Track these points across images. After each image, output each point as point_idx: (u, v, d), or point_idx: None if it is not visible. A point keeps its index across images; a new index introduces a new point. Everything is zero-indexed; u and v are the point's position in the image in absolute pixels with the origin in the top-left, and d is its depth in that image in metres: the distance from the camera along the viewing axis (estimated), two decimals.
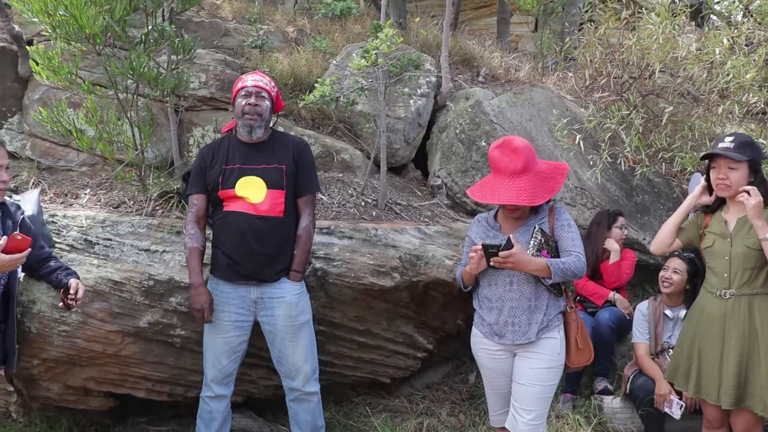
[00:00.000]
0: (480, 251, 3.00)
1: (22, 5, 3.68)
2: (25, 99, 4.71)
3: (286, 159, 3.40)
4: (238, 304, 3.38)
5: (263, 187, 3.35)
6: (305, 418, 3.54)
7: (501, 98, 5.08)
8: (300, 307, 3.42)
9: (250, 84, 3.40)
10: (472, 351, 3.34)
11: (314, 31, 5.47)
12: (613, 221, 4.55)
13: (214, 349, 3.42)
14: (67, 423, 4.22)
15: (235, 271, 3.34)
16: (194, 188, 3.47)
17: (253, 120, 3.36)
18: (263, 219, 3.32)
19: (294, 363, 3.44)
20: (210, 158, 3.44)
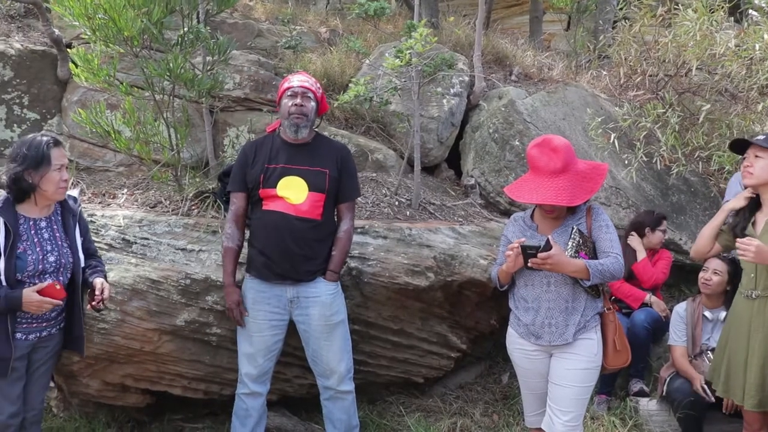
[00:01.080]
0: (516, 249, 2.98)
1: (63, 9, 3.76)
2: (63, 101, 4.80)
3: (330, 164, 3.42)
4: (273, 303, 3.40)
5: (305, 188, 3.36)
6: (340, 417, 3.55)
7: (534, 97, 5.05)
8: (335, 307, 3.43)
9: (296, 84, 3.42)
10: (508, 351, 3.32)
11: (346, 31, 5.49)
12: (658, 224, 4.49)
13: (249, 347, 3.44)
14: (105, 419, 4.28)
15: (271, 270, 3.36)
16: (234, 186, 3.50)
17: (299, 120, 3.38)
18: (302, 220, 3.34)
19: (328, 362, 3.46)
20: (253, 156, 3.47)
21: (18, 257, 2.96)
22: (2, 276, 2.94)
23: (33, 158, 2.97)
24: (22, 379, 3.13)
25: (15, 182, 2.98)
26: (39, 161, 2.97)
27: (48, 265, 3.04)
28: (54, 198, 3.09)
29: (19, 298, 2.90)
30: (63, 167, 3.06)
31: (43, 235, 3.07)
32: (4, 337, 2.98)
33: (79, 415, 4.31)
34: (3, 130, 4.67)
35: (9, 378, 3.06)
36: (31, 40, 4.93)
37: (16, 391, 3.12)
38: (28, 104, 4.72)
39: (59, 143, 3.10)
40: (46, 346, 3.18)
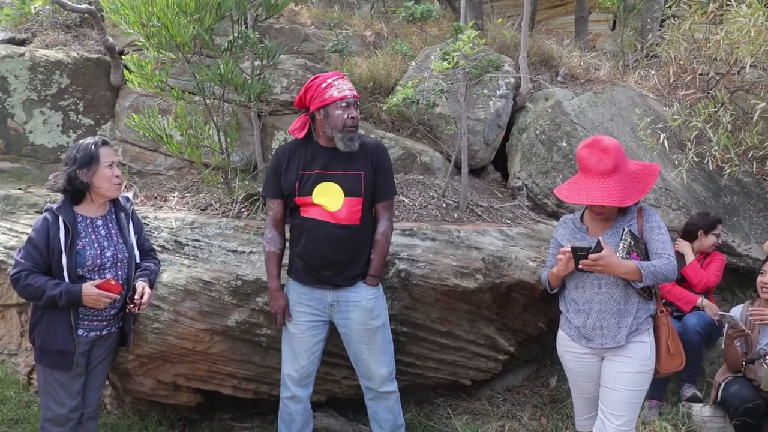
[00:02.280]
0: (568, 253, 2.96)
1: (118, 18, 3.86)
2: (116, 106, 4.93)
3: (365, 164, 3.34)
4: (314, 305, 3.39)
5: (341, 194, 3.29)
6: (385, 416, 3.54)
7: (581, 98, 5.00)
8: (375, 312, 3.41)
9: (349, 95, 3.28)
10: (558, 354, 3.30)
11: (391, 34, 5.51)
12: (712, 228, 4.41)
13: (291, 350, 3.45)
14: (157, 417, 4.37)
15: (312, 276, 3.35)
16: (269, 192, 3.46)
17: (354, 133, 3.30)
18: (340, 227, 3.29)
19: (369, 366, 3.44)
20: (285, 162, 3.39)
21: (77, 253, 3.12)
22: (65, 272, 3.06)
23: (83, 158, 3.14)
24: (82, 376, 3.26)
25: (70, 183, 3.15)
26: (89, 160, 3.13)
27: (105, 259, 3.18)
28: (109, 194, 3.22)
29: (78, 292, 3.04)
30: (113, 164, 3.20)
31: (100, 232, 3.21)
32: (68, 332, 3.12)
33: (132, 412, 4.41)
34: (59, 135, 4.82)
35: (72, 372, 3.18)
36: (86, 48, 5.08)
37: (78, 387, 3.25)
38: (83, 110, 4.87)
39: (107, 143, 3.24)
40: (104, 344, 3.30)
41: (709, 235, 4.42)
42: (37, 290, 3.06)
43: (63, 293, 3.03)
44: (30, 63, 4.77)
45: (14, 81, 4.73)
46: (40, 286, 3.05)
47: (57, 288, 3.04)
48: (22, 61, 4.76)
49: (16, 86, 4.74)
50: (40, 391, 3.34)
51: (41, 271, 3.11)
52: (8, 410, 4.60)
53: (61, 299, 3.04)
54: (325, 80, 3.33)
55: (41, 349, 3.19)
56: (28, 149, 4.76)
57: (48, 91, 4.80)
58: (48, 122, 4.80)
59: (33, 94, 4.76)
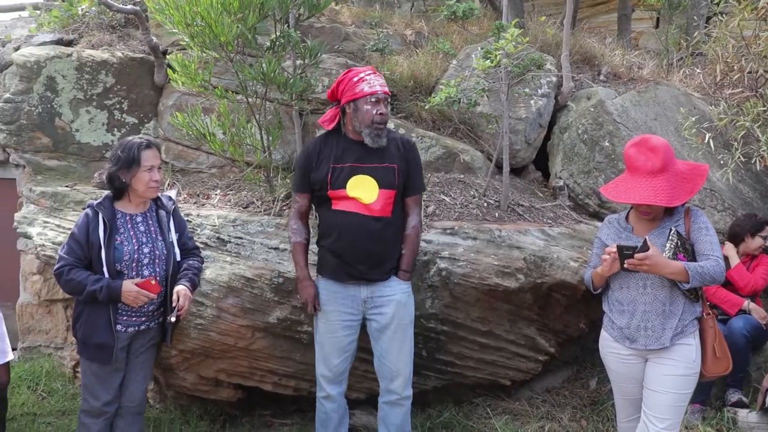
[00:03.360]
0: (613, 253, 2.92)
1: (163, 17, 3.92)
2: (160, 105, 4.99)
3: (397, 158, 3.34)
4: (347, 303, 3.37)
5: (375, 186, 3.29)
6: (395, 422, 3.49)
7: (624, 97, 4.92)
8: (408, 308, 3.41)
9: (380, 90, 3.27)
10: (601, 354, 3.26)
11: (432, 33, 5.50)
12: (759, 229, 4.31)
13: (324, 349, 3.43)
14: (198, 411, 4.43)
15: (346, 272, 3.33)
16: (298, 187, 3.45)
17: (382, 130, 3.30)
18: (376, 220, 3.28)
19: (397, 363, 3.41)
20: (316, 156, 3.38)
21: (115, 248, 3.20)
22: (105, 266, 3.14)
23: (125, 159, 3.21)
24: (121, 371, 3.31)
25: (110, 181, 3.26)
26: (130, 162, 3.21)
27: (143, 255, 3.24)
28: (145, 196, 3.30)
29: (119, 288, 3.11)
30: (153, 168, 3.25)
31: (139, 228, 3.28)
32: (107, 327, 3.19)
33: (174, 407, 4.48)
34: (104, 134, 4.90)
35: (110, 367, 3.25)
36: (130, 48, 5.16)
37: (114, 381, 3.31)
38: (127, 109, 4.95)
39: (151, 146, 3.28)
40: (143, 339, 3.35)
41: (756, 237, 4.32)
42: (79, 285, 3.13)
43: (103, 288, 3.11)
44: (77, 63, 4.86)
45: (62, 81, 4.83)
46: (82, 281, 3.13)
47: (98, 283, 3.12)
48: (69, 61, 4.86)
49: (63, 86, 4.83)
50: (81, 383, 3.42)
51: (83, 265, 3.19)
52: (55, 402, 4.71)
53: (101, 294, 3.11)
54: (358, 74, 3.33)
55: (82, 342, 3.27)
56: (74, 147, 4.86)
57: (94, 91, 4.88)
58: (93, 121, 4.89)
59: (79, 94, 4.86)
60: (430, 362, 4.08)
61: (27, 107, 4.78)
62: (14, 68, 4.95)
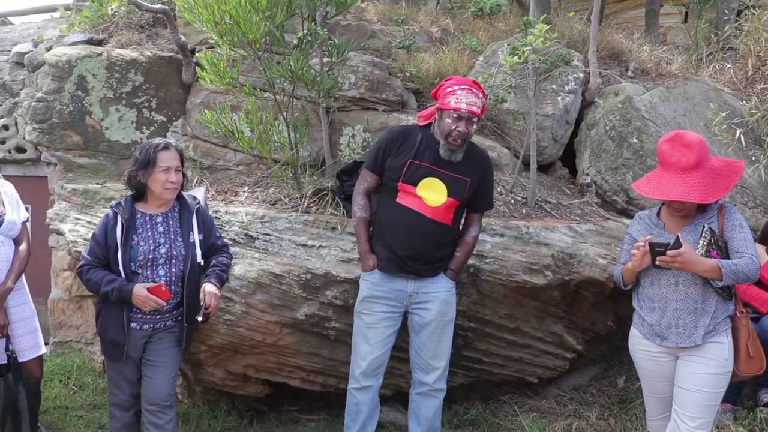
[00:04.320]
0: (644, 247, 2.90)
1: (192, 16, 3.96)
2: (188, 103, 5.04)
3: (473, 172, 3.37)
4: (391, 297, 3.41)
5: (444, 193, 3.33)
6: (426, 415, 3.54)
7: (653, 93, 4.87)
8: (450, 306, 3.45)
9: (464, 108, 3.23)
10: (630, 352, 3.23)
11: (457, 30, 5.49)
12: None
13: (364, 342, 3.47)
14: (226, 407, 4.48)
15: (397, 265, 3.37)
16: (370, 165, 3.47)
17: (458, 145, 3.31)
18: (435, 223, 3.34)
19: (434, 357, 3.46)
20: (398, 145, 3.40)
21: (131, 247, 3.25)
22: (120, 266, 3.19)
23: (142, 160, 3.28)
24: (137, 366, 3.37)
25: (129, 181, 3.33)
26: (146, 163, 3.27)
27: (158, 255, 3.28)
28: (162, 197, 3.34)
29: (129, 291, 3.17)
30: (170, 169, 3.30)
31: (158, 228, 3.33)
32: (120, 325, 3.26)
33: (202, 402, 4.53)
34: (134, 131, 4.96)
35: (125, 363, 3.32)
36: (159, 47, 5.22)
37: (134, 376, 3.38)
38: (156, 107, 5.00)
39: (170, 147, 3.34)
40: (165, 336, 3.38)
41: None
42: (95, 285, 3.23)
43: (114, 290, 3.17)
44: (107, 62, 4.92)
45: (92, 80, 4.89)
46: (97, 281, 3.22)
47: (110, 284, 3.18)
48: (99, 60, 4.92)
49: (93, 85, 4.90)
50: (107, 377, 3.49)
51: (102, 265, 3.27)
52: (86, 396, 4.79)
53: (113, 295, 3.18)
54: (452, 85, 3.33)
55: (100, 339, 3.36)
56: (104, 145, 4.92)
57: (123, 89, 4.94)
58: (123, 119, 4.94)
59: (109, 92, 4.92)
60: (457, 359, 4.07)
61: (59, 106, 4.85)
62: (46, 68, 5.02)
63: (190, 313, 3.35)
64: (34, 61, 5.71)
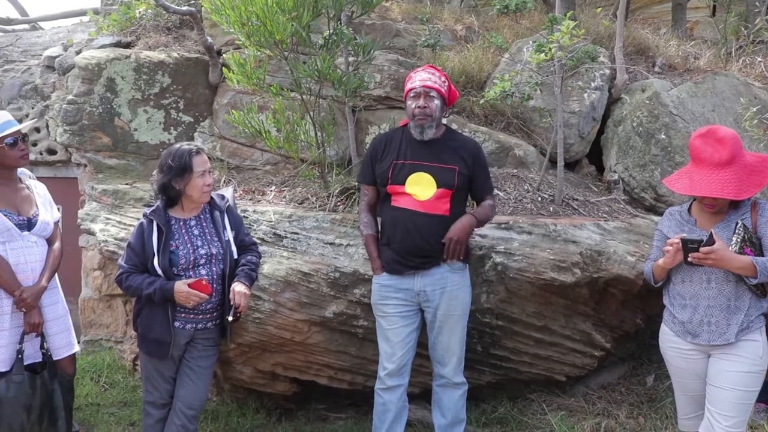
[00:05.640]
0: (676, 244, 2.87)
1: (219, 17, 4.00)
2: (214, 104, 5.09)
3: (459, 161, 3.41)
4: (401, 297, 3.44)
5: (433, 185, 3.37)
6: (449, 405, 3.58)
7: (680, 88, 4.82)
8: (459, 299, 3.46)
9: (418, 85, 3.38)
10: (661, 349, 3.20)
11: (482, 28, 5.47)
12: None
13: (386, 344, 3.50)
14: (254, 405, 4.51)
15: (401, 264, 3.42)
16: (364, 178, 3.58)
17: (423, 121, 3.38)
18: (429, 216, 3.36)
19: (446, 350, 3.50)
20: (381, 150, 3.51)
21: (172, 253, 3.29)
22: (159, 270, 3.23)
23: (178, 167, 3.28)
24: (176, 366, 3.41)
25: (164, 190, 3.33)
26: (183, 169, 3.28)
27: (199, 257, 3.31)
28: (200, 201, 3.38)
29: (171, 289, 3.20)
30: (206, 173, 3.33)
31: (193, 231, 3.35)
32: (165, 323, 3.28)
33: (231, 399, 4.57)
34: (161, 132, 5.02)
35: (165, 362, 3.36)
36: (186, 48, 5.27)
37: (172, 375, 3.42)
38: (183, 108, 5.05)
39: (200, 152, 3.36)
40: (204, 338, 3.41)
41: None
42: (136, 290, 3.27)
43: (156, 291, 3.21)
44: (135, 64, 4.99)
45: (121, 82, 4.96)
46: (138, 286, 3.26)
47: (151, 286, 3.22)
48: (127, 62, 4.99)
49: (122, 86, 4.96)
50: (142, 376, 3.53)
51: (140, 271, 3.31)
52: (117, 393, 4.85)
53: (156, 296, 3.22)
54: (411, 73, 3.50)
55: (142, 337, 3.39)
56: (133, 146, 4.99)
57: (151, 91, 5.00)
58: (151, 120, 5.00)
59: (137, 94, 4.98)
60: (484, 357, 4.08)
61: (88, 108, 4.92)
62: (76, 71, 5.10)
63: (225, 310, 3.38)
64: (65, 64, 5.80)
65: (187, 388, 3.38)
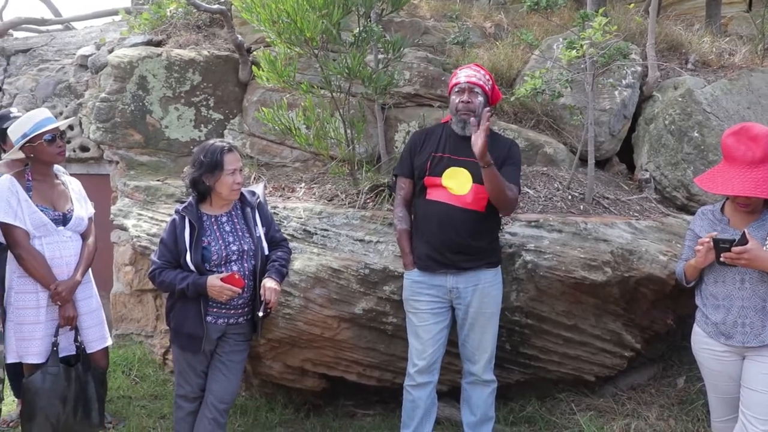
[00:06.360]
0: (708, 243, 2.84)
1: (250, 15, 4.03)
2: (244, 101, 5.12)
3: (496, 159, 3.38)
4: (433, 293, 3.45)
5: (469, 179, 3.39)
6: (477, 402, 3.59)
7: (714, 86, 4.75)
8: (491, 298, 3.46)
9: (463, 80, 3.44)
10: (693, 351, 3.17)
11: (511, 25, 5.45)
12: None
13: (417, 341, 3.51)
14: (283, 400, 4.55)
15: (435, 260, 3.42)
16: (402, 170, 3.61)
17: (467, 116, 3.41)
18: (465, 211, 3.36)
19: (477, 348, 3.51)
20: (421, 143, 3.55)
21: (204, 249, 3.33)
22: (192, 266, 3.26)
23: (209, 164, 3.32)
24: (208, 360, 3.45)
25: (194, 185, 3.38)
26: (214, 166, 3.32)
27: (231, 253, 3.35)
28: (228, 199, 3.42)
29: (204, 284, 3.25)
30: (236, 171, 3.37)
31: (225, 228, 3.39)
32: (198, 318, 3.33)
33: (260, 395, 4.62)
34: (192, 130, 5.07)
35: (197, 356, 3.40)
36: (216, 46, 5.32)
37: (204, 369, 3.46)
38: (213, 106, 5.10)
39: (233, 149, 3.40)
40: (235, 334, 3.45)
41: None
42: (169, 285, 3.32)
43: (189, 285, 3.26)
44: (166, 62, 5.04)
45: (152, 80, 5.02)
46: (171, 281, 3.30)
47: (184, 281, 3.27)
48: (159, 60, 5.04)
49: (154, 84, 5.02)
50: (174, 369, 3.59)
51: (172, 266, 3.36)
52: (148, 386, 4.93)
53: (189, 291, 3.27)
54: (456, 70, 3.56)
55: (175, 332, 3.44)
56: (164, 143, 5.04)
57: (182, 89, 5.05)
58: (182, 118, 5.05)
59: (168, 92, 5.03)
60: (513, 356, 4.06)
61: (121, 106, 4.99)
62: (109, 69, 5.17)
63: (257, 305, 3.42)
64: (97, 63, 5.89)
65: (219, 382, 3.43)
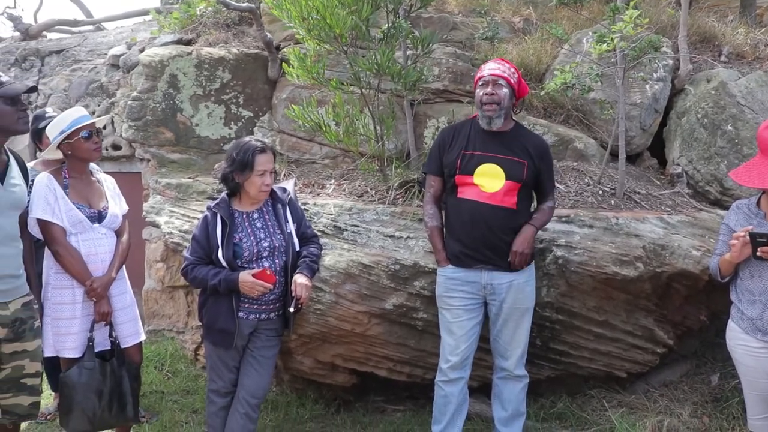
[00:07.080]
0: (743, 238, 2.81)
1: (280, 12, 4.06)
2: (274, 99, 5.16)
3: (528, 156, 3.41)
4: (467, 289, 3.44)
5: (502, 176, 3.36)
6: (509, 398, 3.58)
7: (749, 78, 4.68)
8: (525, 294, 3.46)
9: (486, 73, 3.42)
10: (729, 347, 3.14)
11: (539, 19, 5.41)
12: None
13: (450, 336, 3.51)
14: (313, 395, 4.58)
15: (468, 256, 3.41)
16: (430, 168, 3.59)
17: (492, 110, 3.38)
18: (497, 209, 3.35)
19: (510, 343, 3.50)
20: (450, 140, 3.52)
21: (235, 245, 3.36)
22: (224, 263, 3.29)
23: (240, 162, 3.36)
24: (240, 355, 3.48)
25: (224, 181, 3.43)
26: (244, 165, 3.35)
27: (262, 249, 3.38)
28: (256, 198, 3.46)
29: (236, 279, 3.28)
30: (266, 173, 3.39)
31: (256, 224, 3.42)
32: (230, 314, 3.36)
33: (290, 390, 4.65)
34: (222, 127, 5.12)
35: (230, 352, 3.44)
36: (245, 44, 5.36)
37: (236, 365, 3.50)
38: (243, 103, 5.14)
39: (266, 150, 3.41)
40: (267, 329, 3.48)
41: None
42: (201, 281, 3.36)
43: (221, 281, 3.29)
44: (196, 61, 5.09)
45: (183, 78, 5.07)
46: (203, 277, 3.34)
47: (216, 277, 3.31)
48: (189, 59, 5.10)
49: (184, 83, 5.07)
50: (207, 365, 3.63)
51: (204, 262, 3.39)
52: (180, 381, 4.99)
53: (221, 287, 3.30)
54: (481, 67, 3.53)
55: (207, 328, 3.48)
56: (194, 141, 5.10)
57: (212, 86, 5.10)
58: (212, 115, 5.10)
59: (199, 90, 5.08)
60: (544, 351, 4.04)
61: (152, 104, 5.05)
62: (140, 68, 5.24)
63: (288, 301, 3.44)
64: (129, 62, 5.97)
65: (250, 377, 3.46)
